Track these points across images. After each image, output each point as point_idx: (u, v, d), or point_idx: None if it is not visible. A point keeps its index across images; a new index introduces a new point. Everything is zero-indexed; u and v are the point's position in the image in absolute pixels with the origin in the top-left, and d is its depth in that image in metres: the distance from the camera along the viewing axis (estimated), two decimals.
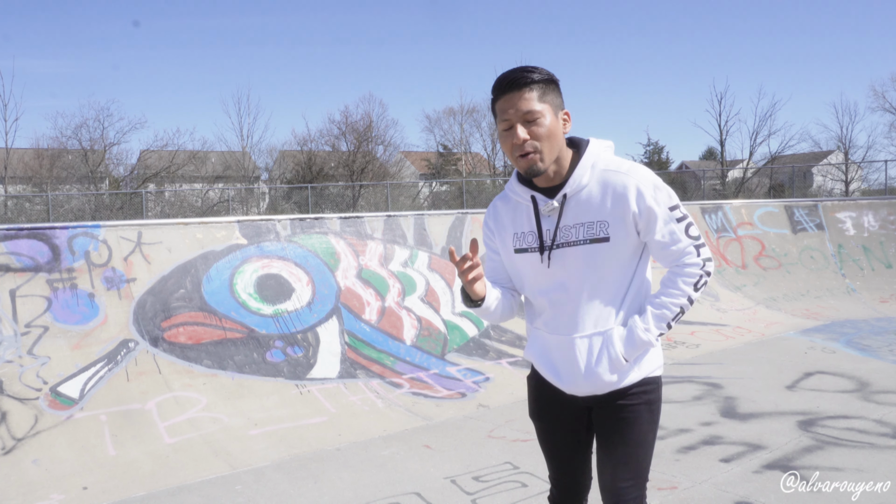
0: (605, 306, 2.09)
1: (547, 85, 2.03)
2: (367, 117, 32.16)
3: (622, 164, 2.08)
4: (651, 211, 2.03)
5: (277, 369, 6.07)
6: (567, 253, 2.08)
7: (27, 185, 27.17)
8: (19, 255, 5.78)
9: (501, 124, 2.05)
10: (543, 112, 2.00)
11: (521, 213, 2.18)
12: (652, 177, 2.07)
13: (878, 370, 6.63)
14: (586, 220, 2.06)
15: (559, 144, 2.05)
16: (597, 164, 2.08)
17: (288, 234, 7.33)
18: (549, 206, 2.09)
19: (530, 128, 1.99)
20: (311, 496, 4.13)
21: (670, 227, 2.06)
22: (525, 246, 2.16)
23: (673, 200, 2.08)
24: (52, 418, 4.94)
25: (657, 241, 2.07)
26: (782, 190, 29.90)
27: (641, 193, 2.02)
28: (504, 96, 2.02)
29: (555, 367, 2.18)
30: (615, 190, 2.03)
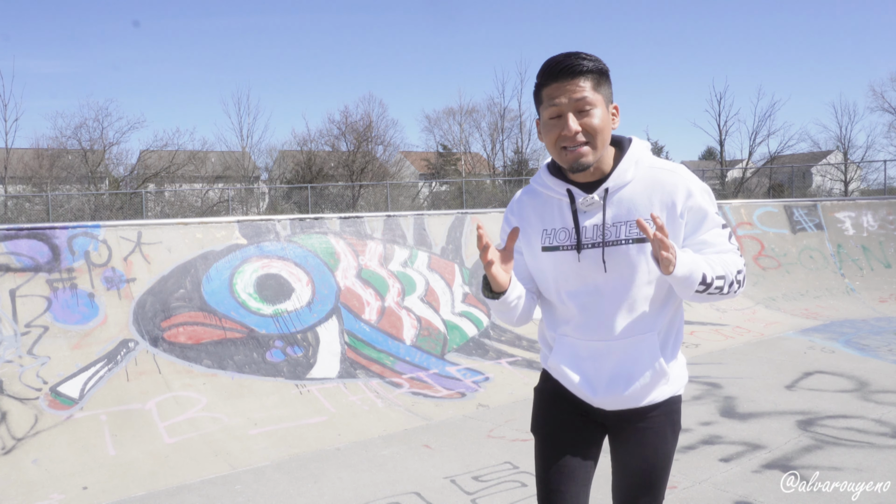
0: (644, 312, 1.93)
1: (601, 75, 1.87)
2: (367, 117, 32.19)
3: (668, 163, 1.96)
4: (702, 210, 1.91)
5: (277, 369, 6.07)
6: (610, 253, 1.91)
7: (27, 185, 27.16)
8: (19, 255, 5.78)
9: (549, 111, 1.86)
10: (596, 103, 1.84)
11: (551, 209, 2.00)
12: (697, 177, 1.97)
13: (877, 370, 6.63)
14: (629, 218, 1.89)
15: (608, 140, 1.90)
16: (641, 160, 1.94)
17: (288, 234, 7.33)
18: (588, 201, 1.92)
19: (582, 119, 1.83)
20: (311, 496, 4.13)
21: (718, 230, 1.94)
22: (556, 244, 1.97)
23: (715, 205, 1.97)
24: (51, 418, 4.94)
25: (705, 242, 1.92)
26: (781, 190, 29.91)
27: (691, 193, 1.89)
28: (555, 83, 1.84)
29: (587, 376, 1.99)
30: (663, 188, 1.90)
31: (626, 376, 1.95)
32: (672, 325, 2.00)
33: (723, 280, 1.85)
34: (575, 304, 1.97)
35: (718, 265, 1.87)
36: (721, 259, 1.89)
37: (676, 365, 2.01)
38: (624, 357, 1.94)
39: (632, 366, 1.94)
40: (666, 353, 1.98)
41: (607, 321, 1.93)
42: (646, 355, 1.94)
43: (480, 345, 7.25)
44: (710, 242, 1.93)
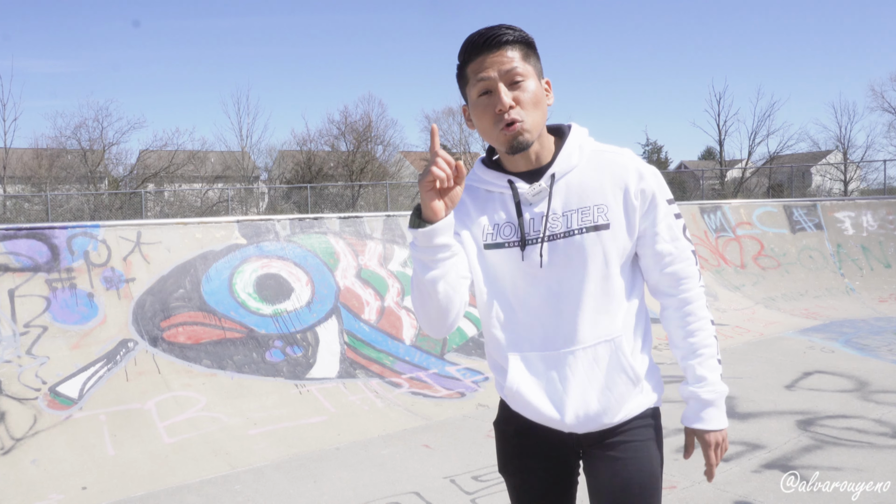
0: (608, 310, 1.70)
1: (528, 46, 1.69)
2: (367, 117, 32.21)
3: (612, 146, 1.79)
4: (654, 196, 1.71)
5: (277, 369, 6.06)
6: (559, 246, 1.68)
7: (26, 185, 27.15)
8: (18, 255, 5.77)
9: (477, 87, 1.65)
10: (527, 74, 1.66)
11: (493, 203, 1.76)
12: (646, 162, 1.80)
13: (876, 370, 6.63)
14: (580, 205, 1.69)
15: (544, 116, 1.70)
16: (584, 145, 1.76)
17: (287, 233, 7.33)
18: (534, 190, 1.70)
19: (515, 91, 1.64)
20: (311, 496, 4.13)
21: (670, 221, 1.74)
22: (500, 240, 1.72)
23: (668, 192, 1.78)
24: (51, 418, 4.93)
25: (656, 234, 1.72)
26: (781, 190, 29.92)
27: (642, 175, 1.71)
28: (479, 56, 1.65)
29: (550, 395, 1.72)
30: (612, 170, 1.71)
31: (598, 389, 1.70)
32: (639, 324, 1.77)
33: (714, 340, 1.78)
34: (527, 311, 1.72)
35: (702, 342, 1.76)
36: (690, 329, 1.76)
37: (650, 371, 1.79)
38: (591, 367, 1.70)
39: (602, 376, 1.70)
40: (636, 357, 1.74)
41: (566, 326, 1.70)
42: (616, 361, 1.70)
43: (480, 344, 7.25)
44: (661, 237, 1.73)
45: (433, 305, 1.65)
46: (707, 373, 1.75)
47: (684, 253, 1.76)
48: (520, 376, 1.74)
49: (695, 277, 1.77)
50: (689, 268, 1.76)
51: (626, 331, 1.72)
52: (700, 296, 1.77)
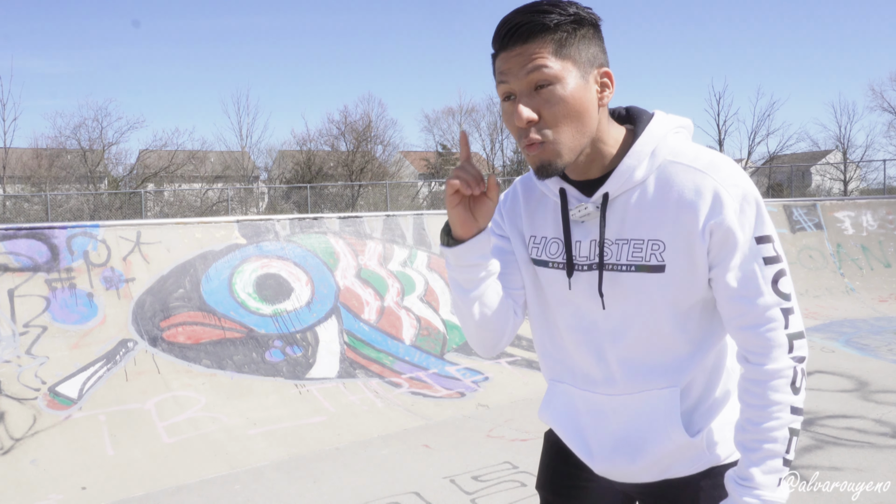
0: (660, 360, 1.40)
1: (573, 29, 1.28)
2: (367, 117, 32.24)
3: (700, 155, 1.34)
4: (731, 234, 1.29)
5: (276, 369, 6.06)
6: (606, 280, 1.39)
7: (26, 185, 27.15)
8: (18, 255, 5.77)
9: (499, 90, 1.34)
10: (560, 74, 1.26)
11: (545, 210, 1.48)
12: (743, 181, 1.31)
13: (877, 370, 6.63)
14: (633, 235, 1.35)
15: (591, 125, 1.31)
16: (659, 150, 1.35)
17: (287, 233, 7.33)
18: (581, 210, 1.39)
19: (538, 100, 1.27)
20: (310, 496, 4.12)
21: (751, 267, 1.30)
22: (546, 258, 1.47)
23: (764, 227, 1.31)
24: (50, 418, 4.93)
25: (724, 286, 1.33)
26: (781, 189, 29.93)
27: (721, 203, 1.28)
28: (503, 51, 1.30)
29: (583, 436, 1.51)
30: (681, 194, 1.31)
31: (636, 442, 1.44)
32: (711, 380, 1.43)
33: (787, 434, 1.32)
34: (570, 340, 1.48)
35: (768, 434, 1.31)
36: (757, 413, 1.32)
37: (717, 429, 1.44)
38: (632, 417, 1.44)
39: (643, 429, 1.43)
40: (695, 416, 1.42)
41: (608, 367, 1.44)
42: (662, 417, 1.41)
43: None
44: (734, 289, 1.32)
45: (471, 326, 1.49)
46: (758, 474, 1.31)
47: (770, 313, 1.31)
48: (556, 408, 1.57)
49: (780, 347, 1.31)
50: (773, 333, 1.31)
51: (687, 385, 1.41)
52: (783, 372, 1.31)
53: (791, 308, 1.32)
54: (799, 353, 1.32)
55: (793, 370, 1.31)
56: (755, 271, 1.30)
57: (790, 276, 1.33)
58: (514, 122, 1.30)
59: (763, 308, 1.30)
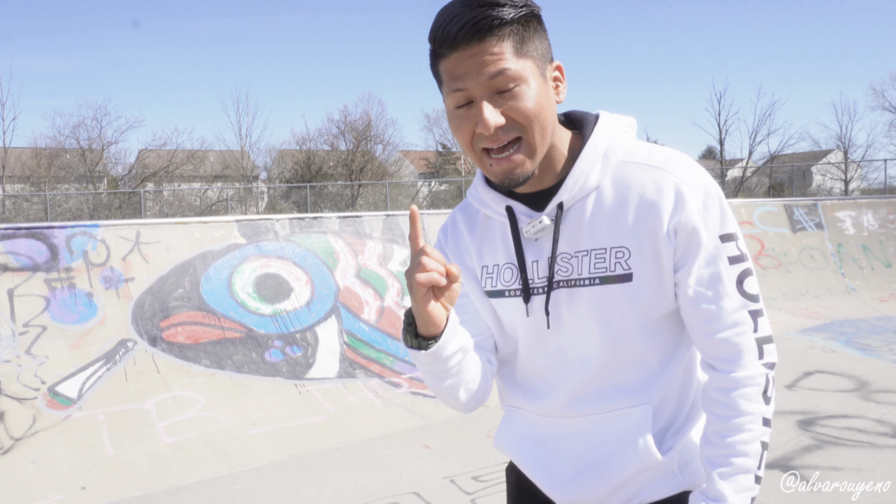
0: (630, 378, 1.29)
1: (527, 23, 1.17)
2: (366, 116, 32.21)
3: (654, 153, 1.25)
4: (695, 232, 1.20)
5: (276, 369, 6.06)
6: (564, 298, 1.27)
7: (25, 185, 27.15)
8: (17, 255, 5.76)
9: (452, 98, 1.18)
10: (524, 74, 1.15)
11: (492, 235, 1.35)
12: (703, 176, 1.23)
13: (877, 369, 6.63)
14: (593, 245, 1.24)
15: (551, 123, 1.22)
16: (612, 151, 1.26)
17: (287, 233, 7.32)
18: (535, 226, 1.27)
19: (505, 104, 1.16)
20: (310, 496, 4.12)
21: (716, 268, 1.21)
22: (501, 287, 1.33)
23: (727, 224, 1.22)
24: (50, 418, 4.92)
25: (687, 289, 1.23)
26: (782, 189, 29.93)
27: (683, 199, 1.20)
28: (453, 52, 1.15)
29: (546, 464, 1.38)
30: (642, 194, 1.22)
31: (601, 466, 1.31)
32: (682, 394, 1.33)
33: (759, 447, 1.21)
34: (535, 366, 1.38)
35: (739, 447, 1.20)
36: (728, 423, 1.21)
37: (688, 448, 1.33)
38: (601, 439, 1.31)
39: (610, 451, 1.31)
40: (667, 434, 1.31)
41: (576, 390, 1.31)
42: (632, 436, 1.28)
43: None
44: (698, 292, 1.22)
45: (457, 406, 1.42)
46: (730, 493, 1.20)
47: (737, 316, 1.21)
48: (513, 434, 1.47)
49: (750, 353, 1.21)
50: (742, 338, 1.21)
51: (659, 401, 1.30)
52: (755, 380, 1.21)
53: (759, 310, 1.23)
54: (769, 359, 1.23)
55: (764, 378, 1.22)
56: (720, 272, 1.21)
57: (756, 275, 1.24)
58: (476, 130, 1.17)
59: (730, 311, 1.21)
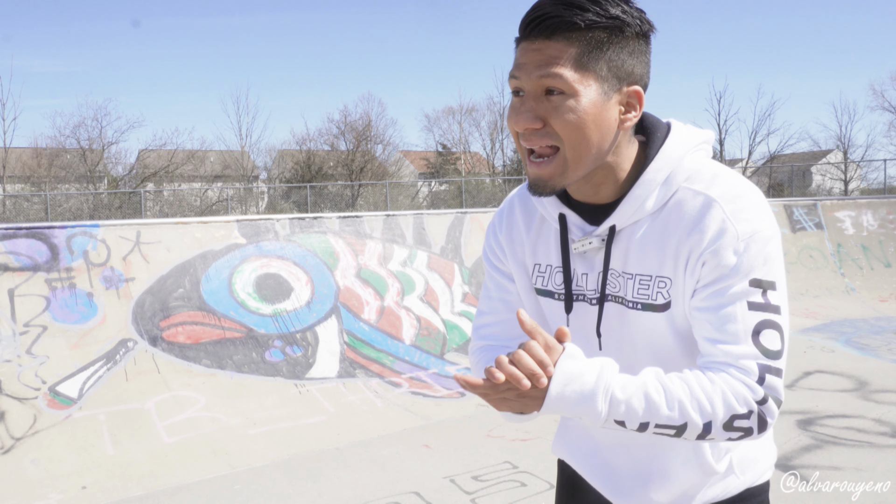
0: None
1: (610, 35, 1.10)
2: (366, 116, 32.23)
3: (715, 182, 1.16)
4: (721, 266, 1.12)
5: (276, 369, 6.06)
6: (612, 314, 1.26)
7: (25, 185, 27.15)
8: (18, 255, 5.77)
9: (510, 83, 1.17)
10: (576, 86, 1.09)
11: (547, 236, 1.32)
12: (757, 216, 1.14)
13: (877, 369, 6.63)
14: (639, 270, 1.21)
15: (602, 147, 1.15)
16: (674, 176, 1.18)
17: (287, 233, 7.32)
18: (584, 245, 1.24)
19: (549, 108, 1.11)
20: (310, 496, 4.12)
21: (732, 309, 1.13)
22: (550, 288, 1.32)
23: (767, 272, 1.14)
24: (50, 418, 4.93)
25: (697, 322, 1.17)
26: (781, 189, 29.93)
27: (724, 234, 1.12)
28: (522, 41, 1.13)
29: (605, 470, 1.40)
30: (685, 226, 1.16)
31: (658, 472, 1.33)
32: None
33: (681, 425, 1.10)
34: None
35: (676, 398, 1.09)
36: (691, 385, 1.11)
37: (745, 450, 1.33)
38: (653, 447, 1.32)
39: (664, 458, 1.32)
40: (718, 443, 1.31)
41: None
42: (682, 445, 1.29)
43: None
44: (707, 329, 1.15)
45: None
46: (619, 389, 1.09)
47: (742, 363, 1.11)
48: (571, 441, 1.46)
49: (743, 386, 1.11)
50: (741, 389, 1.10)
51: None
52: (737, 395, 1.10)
53: (771, 367, 1.11)
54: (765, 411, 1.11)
55: (746, 406, 1.10)
56: (736, 314, 1.12)
57: (785, 332, 1.14)
58: (513, 125, 1.15)
59: (736, 356, 1.11)
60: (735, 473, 1.32)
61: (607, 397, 1.08)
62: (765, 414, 1.11)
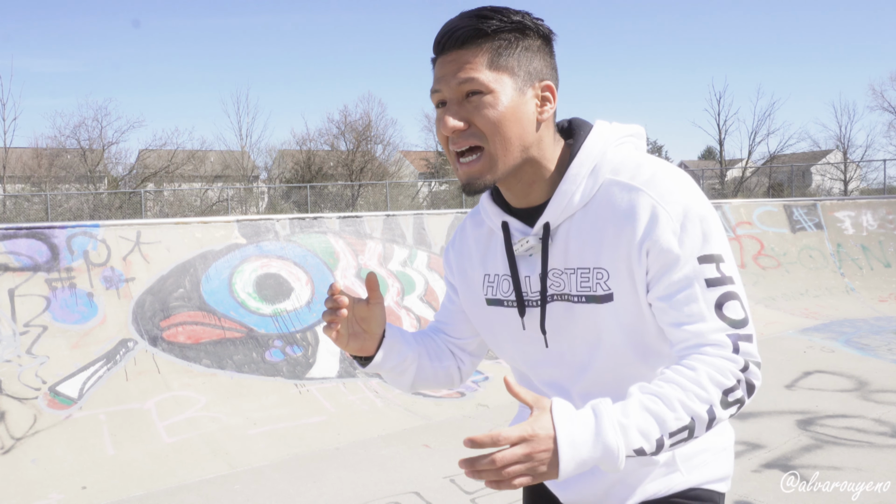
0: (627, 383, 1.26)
1: (515, 39, 1.20)
2: (367, 116, 32.19)
3: (639, 172, 1.22)
4: (666, 253, 1.16)
5: (276, 369, 6.06)
6: (561, 312, 1.29)
7: (26, 185, 27.15)
8: (18, 255, 5.77)
9: (432, 98, 1.25)
10: (492, 85, 1.18)
11: (495, 246, 1.39)
12: (685, 196, 1.19)
13: (876, 369, 6.63)
14: (579, 264, 1.25)
15: (525, 140, 1.22)
16: (599, 168, 1.24)
17: (287, 233, 7.33)
18: (523, 245, 1.30)
19: (468, 111, 1.19)
20: (310, 495, 4.12)
21: (691, 290, 1.16)
22: (500, 297, 1.37)
23: (710, 245, 1.17)
24: (50, 418, 4.93)
25: (661, 311, 1.20)
26: (781, 189, 29.94)
27: (657, 220, 1.16)
28: (440, 55, 1.24)
29: None
30: (618, 216, 1.21)
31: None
32: None
33: (687, 423, 1.09)
34: (536, 376, 1.42)
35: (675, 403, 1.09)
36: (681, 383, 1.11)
37: (687, 449, 1.33)
38: None
39: None
40: None
41: (573, 400, 1.35)
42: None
43: None
44: (671, 315, 1.17)
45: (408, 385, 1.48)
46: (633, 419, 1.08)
47: (713, 338, 1.14)
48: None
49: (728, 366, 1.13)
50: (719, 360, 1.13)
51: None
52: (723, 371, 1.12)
53: (742, 335, 1.14)
54: (749, 377, 1.13)
55: (735, 379, 1.12)
56: (695, 294, 1.15)
57: (744, 299, 1.17)
58: (442, 130, 1.22)
59: (706, 334, 1.14)
60: (680, 470, 1.33)
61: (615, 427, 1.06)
62: (751, 378, 1.14)
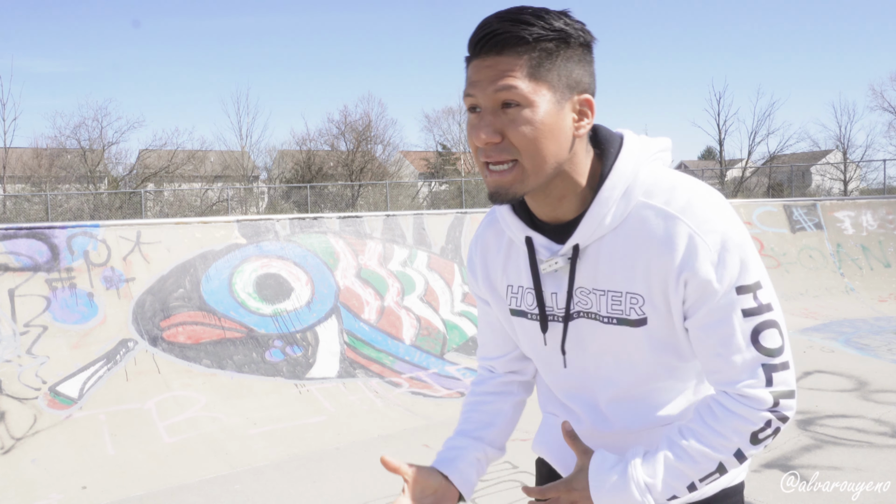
0: (652, 404, 1.32)
1: (556, 48, 1.13)
2: (367, 117, 32.20)
3: (675, 195, 1.18)
4: (705, 285, 1.15)
5: (276, 369, 6.06)
6: (586, 329, 1.29)
7: (26, 185, 27.16)
8: (18, 255, 5.77)
9: (465, 101, 1.19)
10: (531, 97, 1.12)
11: (517, 257, 1.35)
12: (723, 224, 1.15)
13: (876, 369, 6.64)
14: (610, 286, 1.23)
15: (559, 154, 1.17)
16: (633, 189, 1.20)
17: (287, 233, 7.33)
18: (551, 265, 1.27)
19: (507, 121, 1.13)
20: (310, 495, 4.13)
21: (728, 321, 1.16)
22: (523, 308, 1.35)
23: (747, 275, 1.16)
24: (51, 418, 4.93)
25: (698, 340, 1.20)
26: (781, 189, 29.94)
27: (696, 251, 1.14)
28: (473, 59, 1.16)
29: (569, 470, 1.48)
30: (653, 244, 1.17)
31: None
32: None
33: (715, 467, 1.20)
34: (558, 387, 1.43)
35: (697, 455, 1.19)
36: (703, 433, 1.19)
37: None
38: (626, 446, 1.34)
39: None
40: None
41: (599, 410, 1.36)
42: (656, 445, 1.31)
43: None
44: (707, 347, 1.19)
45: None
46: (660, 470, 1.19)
47: (748, 371, 1.16)
48: (548, 441, 1.54)
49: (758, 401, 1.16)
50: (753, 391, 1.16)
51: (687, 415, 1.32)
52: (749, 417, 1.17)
53: (775, 364, 1.16)
54: (782, 411, 1.17)
55: (763, 421, 1.17)
56: (732, 325, 1.16)
57: (781, 324, 1.18)
58: (474, 140, 1.17)
59: (740, 366, 1.16)
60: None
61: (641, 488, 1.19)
62: (782, 412, 1.17)
